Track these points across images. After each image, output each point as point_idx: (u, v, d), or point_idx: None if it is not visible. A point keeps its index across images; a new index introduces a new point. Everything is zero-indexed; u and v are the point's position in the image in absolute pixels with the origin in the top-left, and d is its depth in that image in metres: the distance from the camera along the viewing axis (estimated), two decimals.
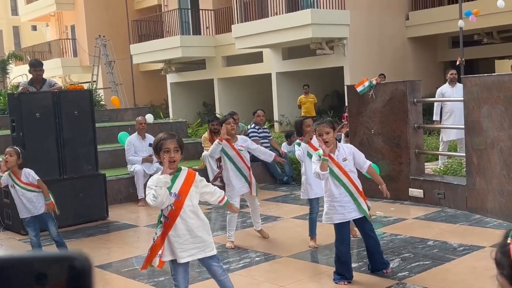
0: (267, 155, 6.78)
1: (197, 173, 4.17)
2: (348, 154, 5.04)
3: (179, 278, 4.07)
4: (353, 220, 5.09)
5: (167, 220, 3.96)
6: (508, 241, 1.30)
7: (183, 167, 4.11)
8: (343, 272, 5.05)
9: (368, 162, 5.17)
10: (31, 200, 6.04)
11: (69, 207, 7.62)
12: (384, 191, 5.20)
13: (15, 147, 6.17)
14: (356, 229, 5.63)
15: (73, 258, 0.91)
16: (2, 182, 6.04)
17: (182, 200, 3.94)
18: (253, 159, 7.53)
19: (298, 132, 6.28)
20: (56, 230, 6.21)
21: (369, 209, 5.08)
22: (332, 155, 4.92)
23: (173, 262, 4.06)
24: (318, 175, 4.87)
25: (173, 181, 3.94)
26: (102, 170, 8.78)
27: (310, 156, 5.93)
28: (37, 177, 6.12)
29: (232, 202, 6.01)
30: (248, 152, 6.62)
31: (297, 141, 6.27)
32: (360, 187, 5.04)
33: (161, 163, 4.06)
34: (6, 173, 6.04)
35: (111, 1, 26.82)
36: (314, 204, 6.26)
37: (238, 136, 6.62)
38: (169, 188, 3.89)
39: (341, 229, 5.05)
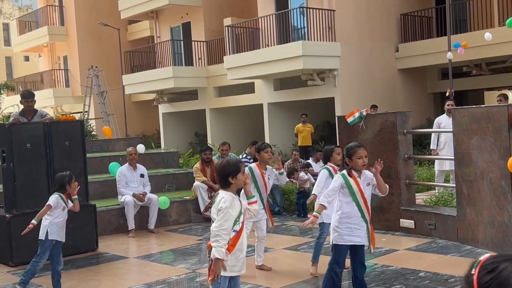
0: (281, 179, 6.93)
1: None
2: (371, 180, 5.05)
3: None
4: (353, 248, 5.05)
5: (236, 234, 4.13)
6: (473, 272, 1.34)
7: None
8: None
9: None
10: (64, 223, 6.10)
11: None
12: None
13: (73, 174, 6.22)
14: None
15: None
16: (52, 204, 6.01)
17: (244, 220, 4.22)
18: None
19: (326, 160, 6.33)
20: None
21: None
22: (358, 179, 4.98)
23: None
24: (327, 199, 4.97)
25: (240, 203, 4.19)
26: (92, 201, 8.73)
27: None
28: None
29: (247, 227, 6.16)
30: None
31: (327, 166, 6.27)
32: (370, 215, 5.08)
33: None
34: (58, 195, 6.06)
35: (104, 32, 27.02)
36: (325, 229, 6.17)
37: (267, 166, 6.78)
38: (241, 208, 4.15)
39: (343, 253, 5.05)
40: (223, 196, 4.11)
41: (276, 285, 6.09)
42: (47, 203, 6.02)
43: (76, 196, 6.24)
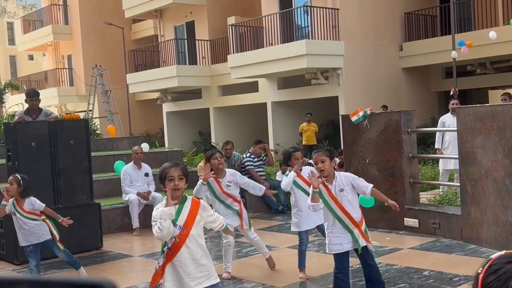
0: (257, 189, 6.57)
1: (201, 200, 4.17)
2: (346, 184, 4.92)
3: None
4: (356, 249, 5.00)
5: (170, 251, 3.95)
6: (479, 271, 1.35)
7: (188, 196, 4.08)
8: None
9: (370, 185, 5.03)
10: (32, 229, 6.08)
11: (63, 236, 7.57)
12: (392, 205, 5.13)
13: (16, 175, 6.19)
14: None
15: (101, 285, 0.93)
16: (6, 210, 6.07)
17: (187, 232, 3.92)
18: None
19: (285, 163, 6.27)
20: (64, 252, 6.23)
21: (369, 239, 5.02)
22: (329, 185, 4.87)
23: None
24: (312, 207, 4.83)
25: (178, 213, 3.91)
26: (97, 199, 8.76)
27: (297, 186, 5.97)
28: (43, 205, 6.20)
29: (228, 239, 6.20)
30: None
31: (286, 172, 6.23)
32: (358, 219, 4.93)
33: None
34: (11, 200, 6.08)
35: (108, 31, 27.06)
36: (303, 236, 6.17)
37: (227, 170, 6.49)
38: (174, 221, 3.86)
39: (340, 259, 4.97)
40: (157, 206, 3.99)
41: (281, 283, 6.10)
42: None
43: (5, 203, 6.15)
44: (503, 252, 1.41)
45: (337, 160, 9.52)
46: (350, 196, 4.93)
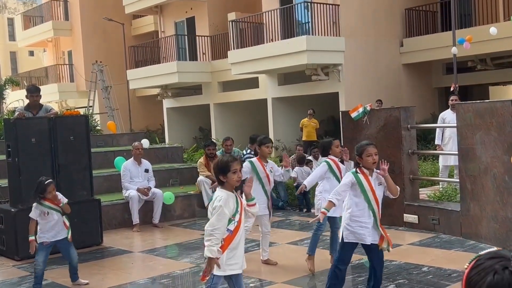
0: (286, 175, 6.85)
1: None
2: (382, 179, 5.00)
3: None
4: (366, 246, 5.02)
5: (231, 233, 4.11)
6: (466, 266, 1.40)
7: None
8: None
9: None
10: (56, 224, 6.10)
11: None
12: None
13: (50, 180, 6.21)
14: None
15: None
16: (33, 216, 6.05)
17: (241, 218, 4.19)
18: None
19: (325, 153, 6.34)
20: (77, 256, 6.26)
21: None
22: (370, 178, 4.94)
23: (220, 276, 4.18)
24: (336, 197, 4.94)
25: (237, 201, 4.17)
26: (97, 195, 8.77)
27: (334, 174, 6.11)
28: (66, 200, 6.26)
29: (248, 218, 6.22)
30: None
31: (327, 159, 6.28)
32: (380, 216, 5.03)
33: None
34: (36, 204, 6.07)
35: (108, 27, 27.04)
36: (323, 222, 6.18)
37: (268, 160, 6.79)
38: (236, 208, 4.12)
39: (349, 250, 5.04)
40: (218, 195, 4.13)
41: (280, 279, 6.12)
42: (31, 218, 6.09)
43: (61, 204, 6.17)
44: (493, 248, 1.45)
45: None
46: (381, 192, 5.05)
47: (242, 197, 4.29)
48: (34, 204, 6.10)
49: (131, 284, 6.34)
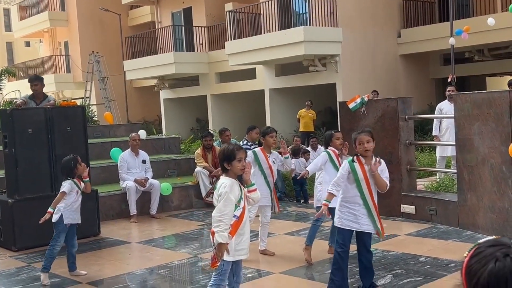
0: (286, 163, 6.85)
1: None
2: (380, 169, 4.97)
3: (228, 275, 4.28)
4: (357, 232, 5.05)
5: (237, 219, 4.16)
6: (465, 254, 1.38)
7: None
8: (341, 281, 5.00)
9: (387, 184, 5.03)
10: (79, 207, 6.23)
11: None
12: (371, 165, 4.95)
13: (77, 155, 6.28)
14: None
15: None
16: (66, 190, 6.09)
17: (245, 205, 4.26)
18: None
19: (327, 145, 6.37)
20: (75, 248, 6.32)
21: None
22: (365, 166, 4.95)
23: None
24: (335, 186, 4.97)
25: (241, 188, 4.23)
26: (94, 186, 8.72)
27: (334, 164, 6.12)
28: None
29: (251, 209, 6.24)
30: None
31: (327, 150, 6.30)
32: (376, 205, 5.02)
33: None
34: (71, 181, 6.14)
35: (105, 18, 26.91)
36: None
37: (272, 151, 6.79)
38: (240, 194, 4.18)
39: (346, 236, 5.04)
40: (223, 182, 4.18)
41: (278, 269, 6.13)
42: (61, 190, 6.11)
43: (87, 179, 6.35)
44: (492, 237, 1.44)
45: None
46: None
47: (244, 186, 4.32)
48: (68, 181, 6.13)
49: (129, 274, 6.34)
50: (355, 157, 5.03)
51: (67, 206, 6.10)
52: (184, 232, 8.43)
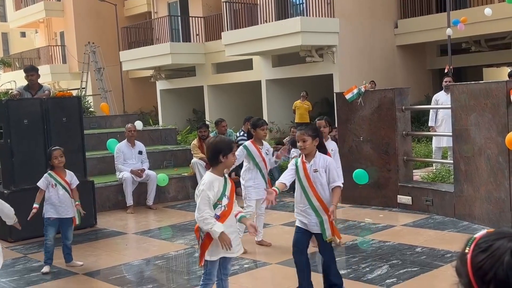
0: (272, 164, 6.85)
1: None
2: (321, 166, 4.67)
3: (215, 273, 4.21)
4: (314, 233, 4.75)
5: (218, 218, 4.04)
6: (466, 251, 1.31)
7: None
8: (301, 281, 4.74)
9: (337, 183, 4.68)
10: (65, 201, 6.13)
11: None
12: (330, 213, 4.57)
13: (59, 148, 6.19)
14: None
15: None
16: (40, 186, 6.09)
17: (232, 201, 4.14)
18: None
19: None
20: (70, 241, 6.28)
21: (334, 231, 4.73)
22: (307, 164, 4.70)
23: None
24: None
25: (225, 185, 4.09)
26: (90, 177, 8.74)
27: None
28: (78, 182, 6.30)
29: (249, 203, 6.43)
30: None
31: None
32: (329, 205, 4.64)
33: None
34: (46, 174, 6.11)
35: (101, 8, 26.77)
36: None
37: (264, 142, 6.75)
38: (223, 191, 4.05)
39: (298, 235, 4.76)
40: (204, 178, 4.10)
41: (274, 260, 6.14)
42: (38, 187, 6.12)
43: (71, 184, 6.25)
44: (485, 231, 1.38)
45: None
46: (324, 180, 4.68)
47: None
48: (45, 175, 6.14)
49: (125, 265, 6.34)
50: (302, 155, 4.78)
51: (46, 200, 6.11)
52: (180, 223, 8.43)
